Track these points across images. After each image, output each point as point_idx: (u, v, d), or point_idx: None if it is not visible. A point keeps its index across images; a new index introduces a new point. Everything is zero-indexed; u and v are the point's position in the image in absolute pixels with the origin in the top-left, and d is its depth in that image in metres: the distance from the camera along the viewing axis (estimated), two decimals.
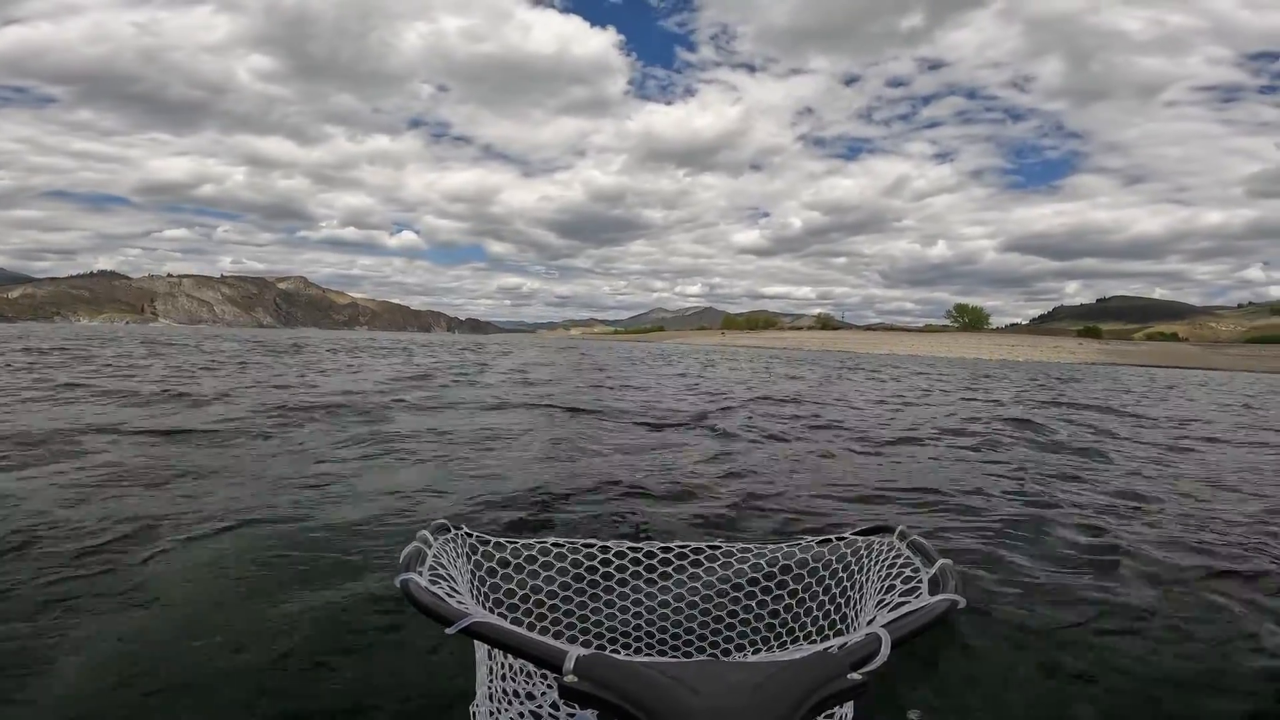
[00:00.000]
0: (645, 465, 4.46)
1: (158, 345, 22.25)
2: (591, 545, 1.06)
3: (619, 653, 1.11)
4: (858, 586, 0.99)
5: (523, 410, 7.50)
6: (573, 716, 0.90)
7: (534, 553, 1.04)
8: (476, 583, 0.97)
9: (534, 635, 0.65)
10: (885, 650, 0.63)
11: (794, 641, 1.06)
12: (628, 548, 1.07)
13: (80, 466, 3.76)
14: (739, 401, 9.43)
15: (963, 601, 0.71)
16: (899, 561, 0.88)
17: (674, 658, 1.11)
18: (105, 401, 6.71)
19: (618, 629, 1.14)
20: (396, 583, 0.72)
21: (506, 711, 0.89)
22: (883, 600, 0.82)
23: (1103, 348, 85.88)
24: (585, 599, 1.10)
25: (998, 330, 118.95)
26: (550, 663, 0.60)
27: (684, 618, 1.15)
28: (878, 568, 0.92)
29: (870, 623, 0.77)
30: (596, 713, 0.58)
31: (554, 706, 0.91)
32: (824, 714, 0.56)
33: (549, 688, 0.92)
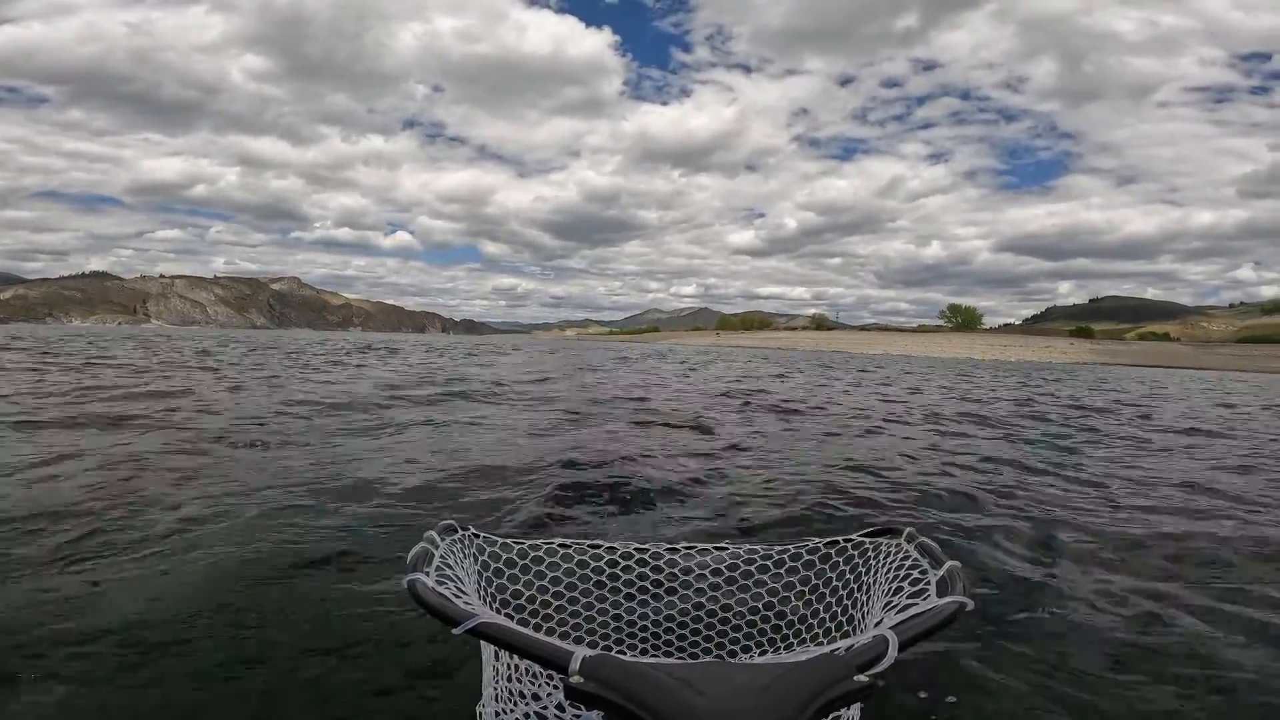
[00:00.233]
0: (645, 464, 4.48)
1: (157, 345, 22.17)
2: (598, 546, 1.06)
3: (625, 654, 1.11)
4: (865, 588, 0.98)
5: (523, 410, 7.52)
6: (579, 717, 0.90)
7: (540, 553, 1.03)
8: (483, 583, 0.97)
9: (540, 636, 0.65)
10: (893, 652, 0.63)
11: (801, 643, 1.06)
12: (634, 549, 1.06)
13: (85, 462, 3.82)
14: (731, 400, 9.51)
15: (971, 604, 0.71)
16: (906, 563, 0.88)
17: (680, 659, 1.11)
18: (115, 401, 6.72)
19: (624, 630, 1.14)
20: (404, 583, 0.73)
21: (512, 712, 0.89)
22: (890, 602, 0.82)
23: (1094, 347, 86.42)
24: (591, 600, 1.09)
25: (990, 330, 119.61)
26: (556, 663, 0.60)
27: (690, 619, 1.15)
28: (885, 569, 0.92)
29: (877, 624, 0.77)
30: (602, 714, 0.58)
31: (560, 707, 0.91)
32: (830, 715, 0.56)
33: (555, 688, 0.92)
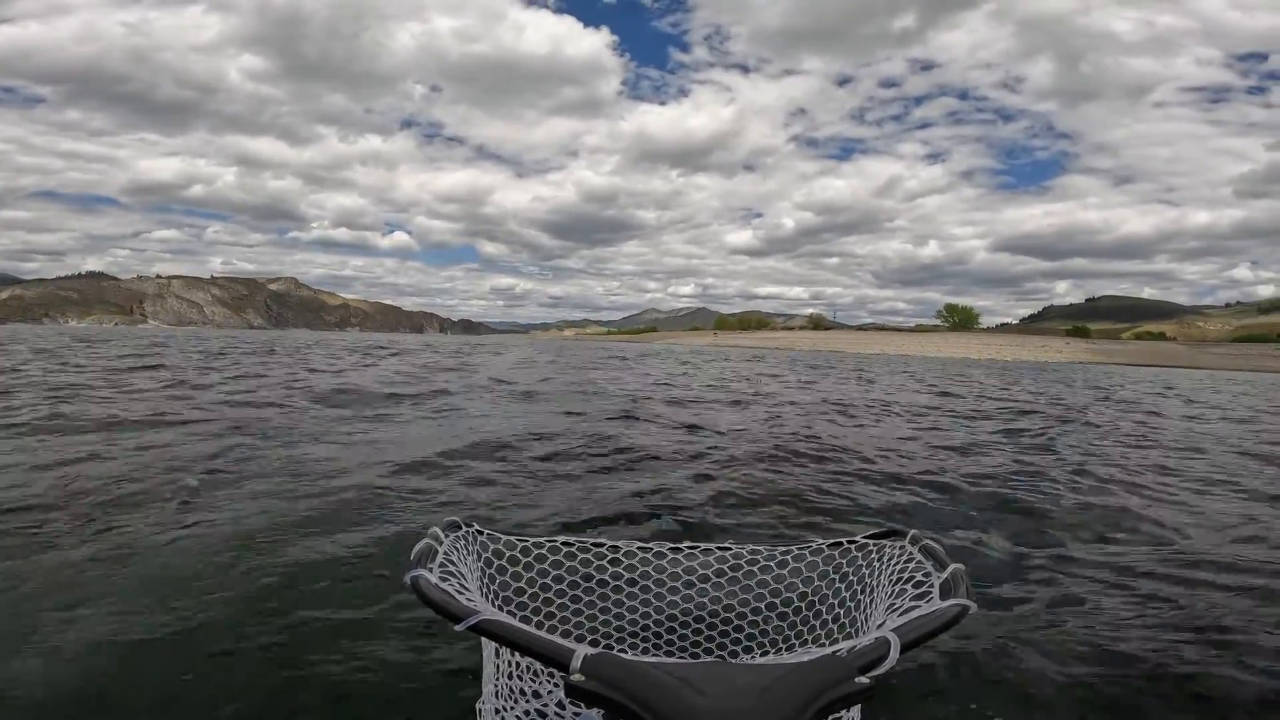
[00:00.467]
0: (646, 464, 4.48)
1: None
2: (601, 544, 1.06)
3: (626, 652, 1.10)
4: (868, 590, 0.98)
5: (523, 409, 7.60)
6: (579, 715, 0.90)
7: (544, 551, 1.03)
8: (486, 580, 0.97)
9: (542, 634, 0.65)
10: (894, 654, 0.63)
11: (803, 644, 1.06)
12: (637, 547, 1.06)
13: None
14: (728, 400, 9.63)
15: (974, 607, 0.71)
16: (910, 565, 0.88)
17: (681, 658, 1.11)
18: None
19: (626, 628, 1.13)
20: (407, 579, 0.73)
21: (513, 709, 0.89)
22: (893, 604, 0.82)
23: (1090, 347, 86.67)
24: (594, 598, 1.10)
25: (987, 330, 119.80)
26: (557, 661, 0.61)
27: (692, 619, 1.14)
28: (889, 571, 0.92)
29: (880, 626, 0.77)
30: (602, 712, 0.58)
31: (560, 705, 0.91)
32: (831, 717, 0.56)
33: (556, 686, 0.92)
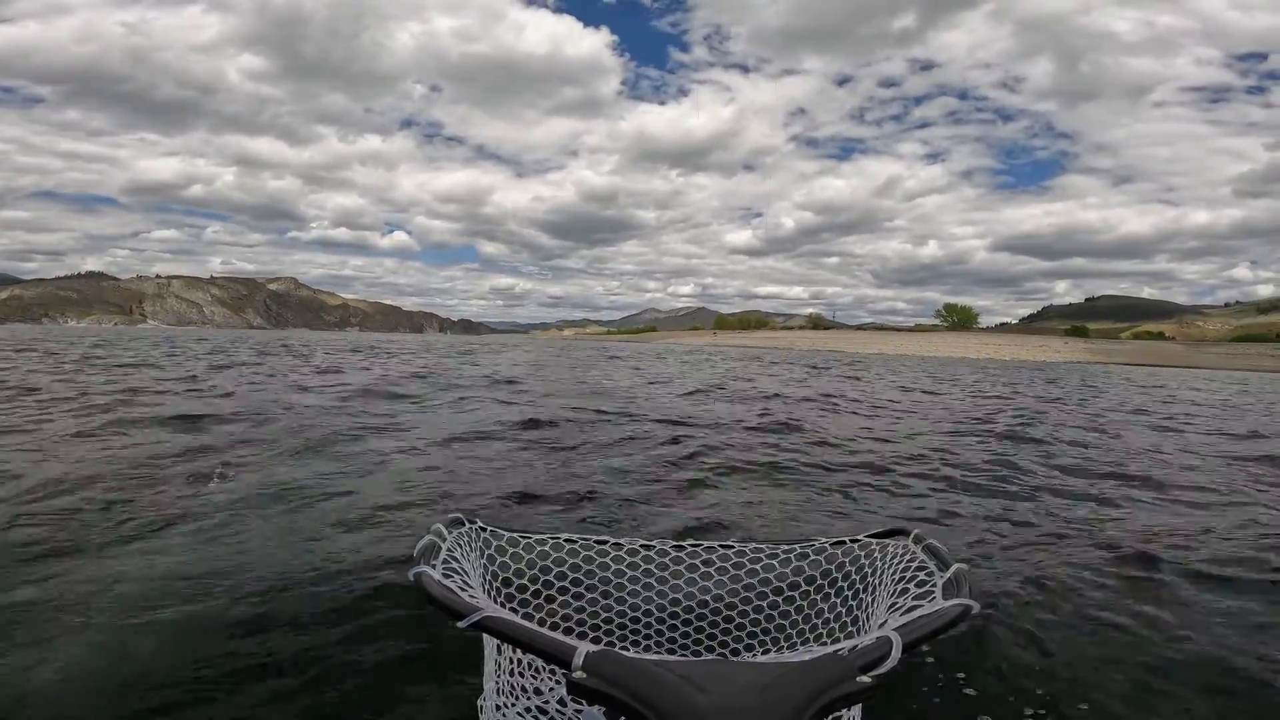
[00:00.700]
0: (647, 464, 4.53)
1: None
2: (604, 542, 1.06)
3: (628, 650, 1.11)
4: (870, 589, 0.98)
5: (524, 409, 7.58)
6: (580, 712, 0.90)
7: (547, 548, 1.03)
8: (489, 576, 0.97)
9: (544, 631, 0.65)
10: (896, 653, 0.63)
11: (805, 643, 1.06)
12: (640, 545, 1.06)
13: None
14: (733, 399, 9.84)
15: (976, 606, 0.71)
16: (913, 565, 0.87)
17: (683, 656, 1.11)
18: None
19: (628, 626, 1.14)
20: (410, 575, 0.73)
21: (514, 706, 0.89)
22: (895, 603, 0.82)
23: (1088, 346, 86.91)
24: (596, 595, 1.10)
25: (986, 330, 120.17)
26: (559, 658, 0.61)
27: (694, 616, 1.15)
28: (891, 571, 0.92)
29: (882, 625, 0.77)
30: (604, 709, 0.58)
31: (561, 703, 0.91)
32: (832, 716, 0.56)
33: (557, 683, 0.92)
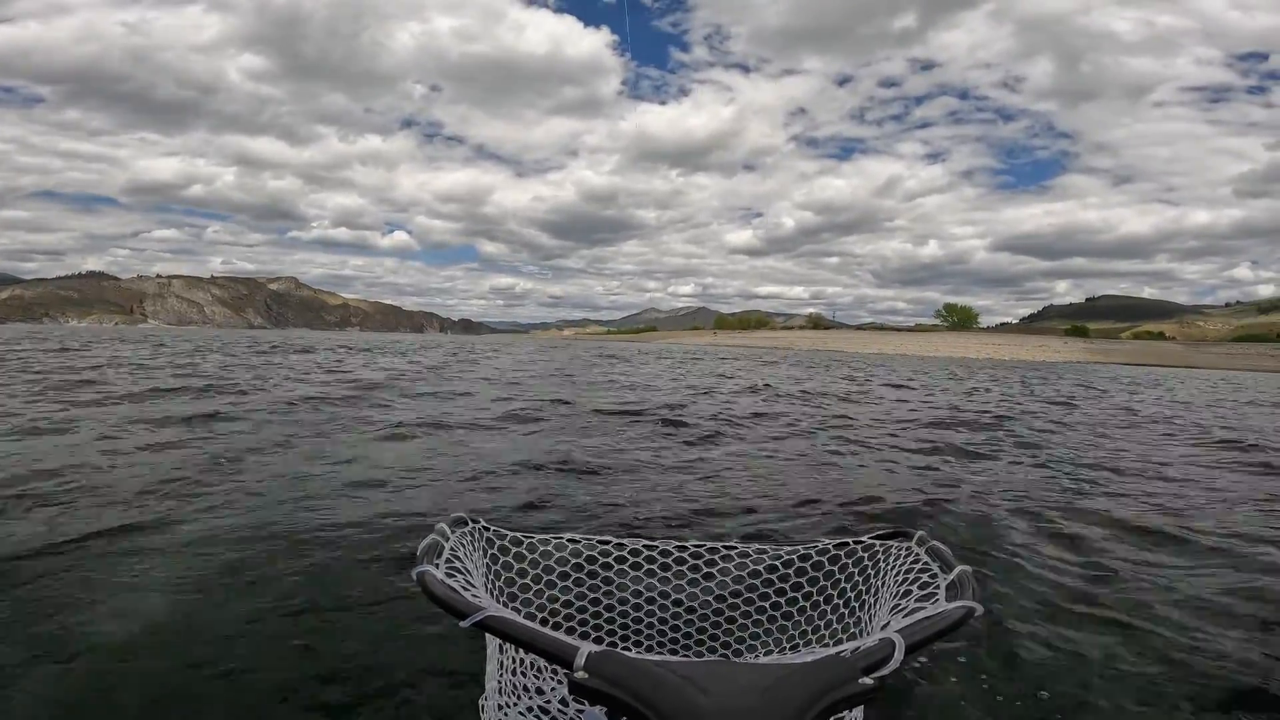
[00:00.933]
0: (649, 464, 4.55)
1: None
2: (607, 542, 1.06)
3: (630, 650, 1.12)
4: (873, 591, 0.98)
5: (524, 409, 7.63)
6: (582, 712, 0.90)
7: (550, 548, 1.04)
8: (491, 576, 0.98)
9: (546, 631, 0.65)
10: (899, 655, 0.63)
11: (807, 644, 1.06)
12: (643, 545, 1.07)
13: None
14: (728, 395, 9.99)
15: (980, 609, 0.71)
16: (916, 566, 0.88)
17: (685, 657, 1.12)
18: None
19: (630, 626, 1.14)
20: (413, 574, 0.73)
21: (515, 706, 0.89)
22: (898, 605, 0.82)
23: (1087, 346, 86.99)
24: (599, 595, 1.10)
25: (985, 329, 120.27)
26: (561, 658, 0.61)
27: (697, 617, 1.15)
28: (895, 572, 0.92)
29: (884, 627, 0.77)
30: (606, 709, 0.58)
31: (563, 702, 0.91)
32: (834, 717, 0.56)
33: (559, 683, 0.92)
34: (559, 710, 0.91)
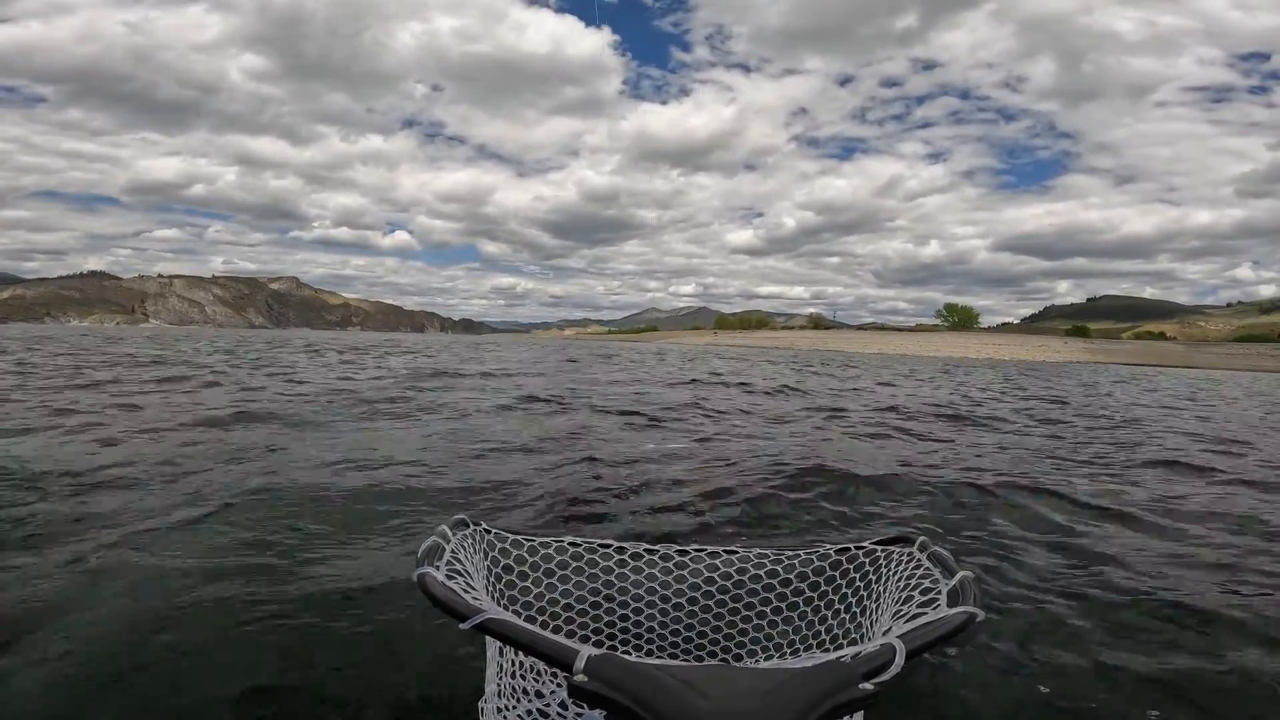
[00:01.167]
0: (647, 465, 4.51)
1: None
2: (608, 545, 1.06)
3: (630, 654, 1.12)
4: (875, 596, 0.98)
5: (523, 408, 7.61)
6: (581, 716, 0.90)
7: (550, 551, 1.04)
8: (492, 579, 0.98)
9: (546, 633, 0.65)
10: (899, 661, 0.63)
11: (808, 649, 1.06)
12: (644, 549, 1.07)
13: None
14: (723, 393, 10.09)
15: (981, 615, 0.71)
16: (918, 572, 0.88)
17: (685, 661, 1.12)
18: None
19: (630, 630, 1.14)
20: (414, 576, 0.73)
21: (515, 709, 0.89)
22: (900, 611, 0.82)
23: (1087, 346, 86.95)
24: (599, 599, 1.11)
25: (986, 330, 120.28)
26: (561, 661, 0.61)
27: (697, 621, 1.15)
28: (896, 578, 0.92)
29: (885, 633, 0.77)
30: (605, 713, 0.58)
31: (562, 706, 0.91)
32: None
33: (559, 686, 0.92)
34: (559, 713, 0.91)
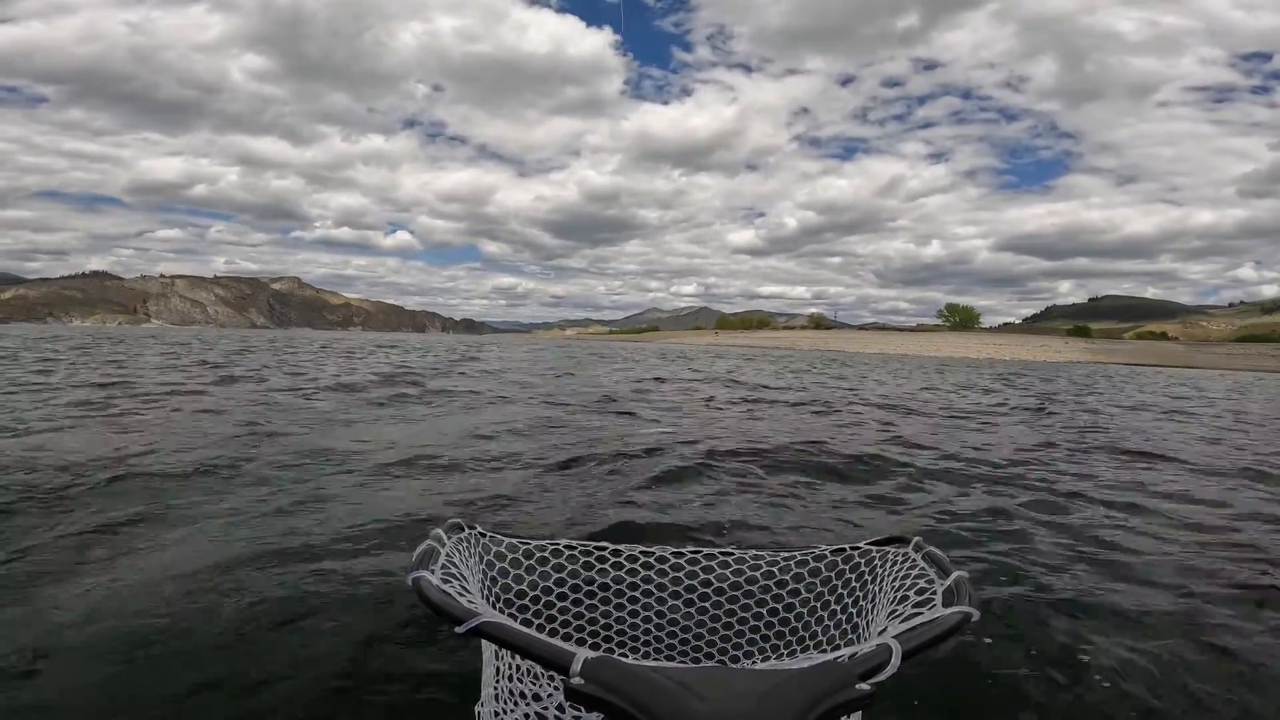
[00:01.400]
0: (643, 465, 4.51)
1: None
2: (604, 548, 1.06)
3: (627, 656, 1.12)
4: (870, 596, 0.98)
5: (521, 410, 7.61)
6: (578, 718, 0.91)
7: (546, 554, 1.04)
8: (488, 582, 0.98)
9: (542, 637, 0.65)
10: (895, 661, 0.63)
11: (804, 650, 1.07)
12: (640, 551, 1.07)
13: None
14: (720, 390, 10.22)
15: (976, 614, 0.72)
16: (913, 572, 0.88)
17: (682, 663, 1.12)
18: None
19: (627, 632, 1.14)
20: (409, 580, 0.73)
21: (512, 713, 0.89)
22: (895, 611, 0.82)
23: (1089, 347, 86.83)
24: (595, 601, 1.11)
25: (987, 330, 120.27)
26: (558, 664, 0.61)
27: (694, 623, 1.15)
28: (891, 578, 0.93)
29: (881, 633, 0.77)
30: (602, 716, 0.59)
31: (560, 709, 0.91)
32: None
33: (556, 689, 0.92)
34: (556, 716, 0.91)
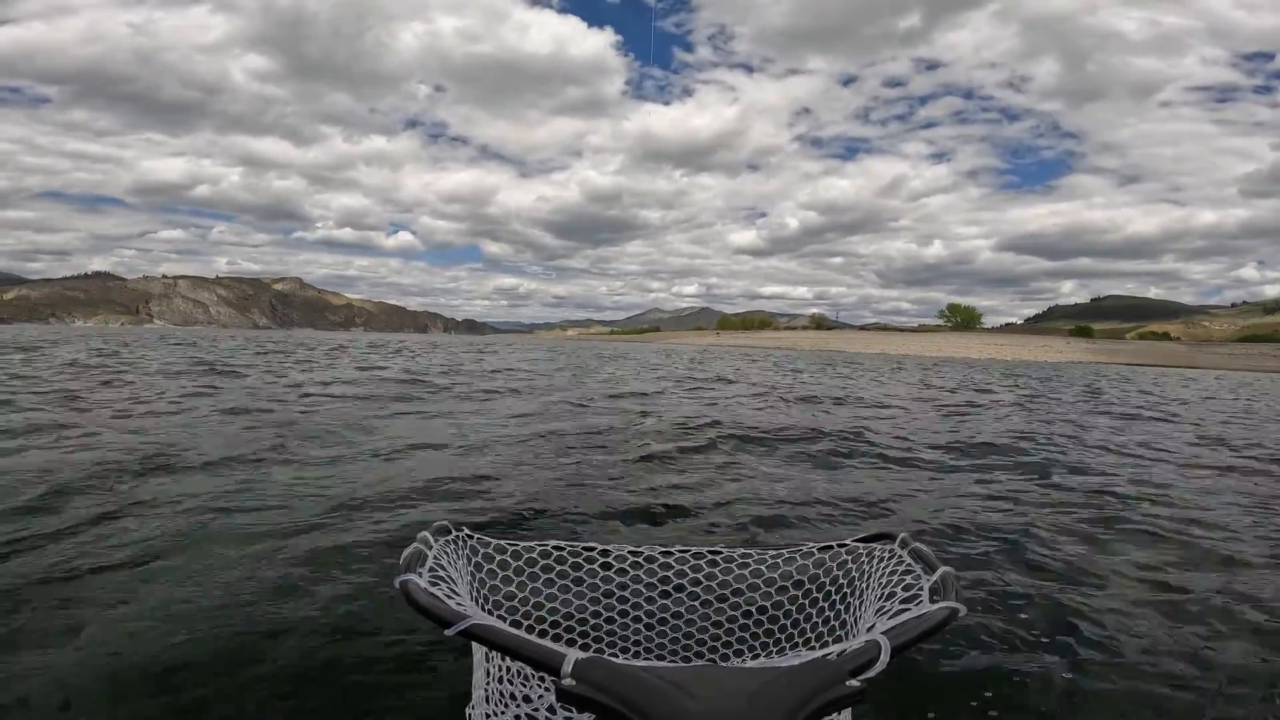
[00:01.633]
0: (638, 466, 4.58)
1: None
2: (592, 549, 1.06)
3: (617, 657, 1.12)
4: (858, 593, 0.99)
5: (518, 408, 7.64)
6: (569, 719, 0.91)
7: (534, 555, 1.04)
8: (476, 584, 0.98)
9: (532, 638, 0.65)
10: (885, 657, 0.63)
11: (793, 648, 1.07)
12: (628, 551, 1.07)
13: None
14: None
15: (963, 610, 0.72)
16: (900, 569, 0.88)
17: (672, 662, 1.12)
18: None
19: (617, 633, 1.15)
20: (396, 583, 0.73)
21: (503, 715, 0.90)
22: (883, 607, 0.82)
23: (1090, 347, 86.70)
24: (585, 602, 1.11)
25: (989, 330, 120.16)
26: (548, 665, 0.61)
27: (683, 623, 1.16)
28: (879, 575, 0.93)
29: (870, 629, 0.77)
30: (594, 716, 0.59)
31: (551, 710, 0.91)
32: None
33: (546, 690, 0.92)
34: (547, 717, 0.91)
